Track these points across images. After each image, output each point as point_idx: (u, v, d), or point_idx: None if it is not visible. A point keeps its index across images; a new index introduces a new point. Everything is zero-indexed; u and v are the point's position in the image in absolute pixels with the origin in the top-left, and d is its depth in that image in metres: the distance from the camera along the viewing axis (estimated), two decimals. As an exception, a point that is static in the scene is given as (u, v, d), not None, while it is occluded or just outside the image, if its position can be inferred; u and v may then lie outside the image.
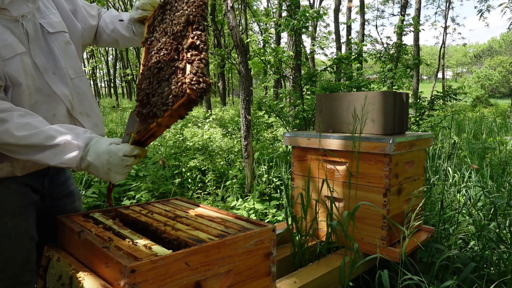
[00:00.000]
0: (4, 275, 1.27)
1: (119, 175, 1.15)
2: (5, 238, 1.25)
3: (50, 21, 1.28)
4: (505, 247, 2.40)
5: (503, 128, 9.81)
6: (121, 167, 1.13)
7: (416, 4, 12.69)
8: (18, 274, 1.30)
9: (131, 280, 0.87)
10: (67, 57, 1.31)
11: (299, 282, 1.75)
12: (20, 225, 1.28)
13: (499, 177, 4.10)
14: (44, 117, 1.19)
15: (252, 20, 20.31)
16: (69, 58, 1.32)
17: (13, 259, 1.28)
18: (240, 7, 14.17)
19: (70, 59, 1.32)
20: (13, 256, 1.28)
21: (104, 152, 1.12)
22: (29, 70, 1.19)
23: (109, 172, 1.13)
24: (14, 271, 1.29)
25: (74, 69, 1.33)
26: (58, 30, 1.30)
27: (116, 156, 1.12)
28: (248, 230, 1.14)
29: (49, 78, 1.24)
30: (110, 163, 1.12)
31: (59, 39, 1.30)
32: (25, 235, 1.30)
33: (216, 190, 4.31)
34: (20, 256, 1.29)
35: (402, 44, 6.71)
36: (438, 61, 20.73)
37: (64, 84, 1.28)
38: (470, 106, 23.05)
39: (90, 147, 1.14)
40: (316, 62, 20.84)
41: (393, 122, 2.25)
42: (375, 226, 2.12)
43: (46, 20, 1.27)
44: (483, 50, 70.33)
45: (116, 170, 1.14)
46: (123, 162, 1.13)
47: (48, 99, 1.24)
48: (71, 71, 1.31)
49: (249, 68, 4.69)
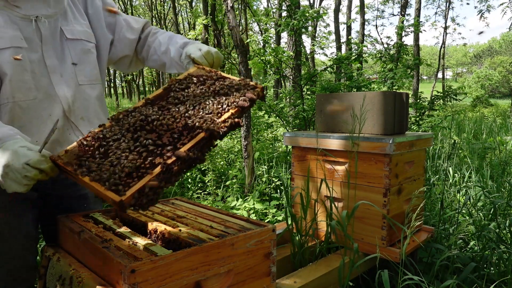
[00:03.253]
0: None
1: (15, 184, 1.01)
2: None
3: (72, 29, 1.35)
4: (505, 247, 2.40)
5: (503, 128, 9.81)
6: (19, 175, 1.00)
7: (416, 4, 12.68)
8: (12, 270, 1.30)
9: (131, 280, 0.87)
10: (81, 64, 1.36)
11: (299, 282, 1.75)
12: (11, 221, 1.28)
13: (499, 177, 4.10)
14: (39, 115, 1.24)
15: (252, 20, 20.30)
16: (84, 65, 1.37)
17: (6, 255, 1.28)
18: (240, 7, 14.15)
19: (84, 66, 1.37)
20: (5, 252, 1.28)
21: (9, 153, 1.00)
22: (28, 66, 1.22)
23: (5, 176, 1.01)
24: (8, 267, 1.29)
25: (87, 76, 1.38)
26: (77, 38, 1.36)
27: (18, 161, 0.99)
28: (248, 230, 1.14)
29: (55, 79, 1.28)
30: (9, 166, 0.99)
31: (77, 46, 1.36)
32: (17, 231, 1.30)
33: (216, 190, 4.31)
34: (14, 252, 1.30)
35: (402, 44, 6.71)
36: (438, 61, 20.71)
37: (68, 87, 1.31)
38: (470, 106, 23.05)
39: (3, 145, 1.03)
40: (316, 62, 20.83)
41: (393, 122, 2.25)
42: (375, 226, 2.12)
43: (68, 27, 1.34)
44: (483, 50, 70.29)
45: (13, 177, 1.00)
46: (23, 171, 0.99)
47: (47, 99, 1.26)
48: (82, 77, 1.36)
49: (249, 68, 4.68)
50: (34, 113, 1.24)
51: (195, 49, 1.40)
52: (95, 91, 1.41)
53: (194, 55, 1.38)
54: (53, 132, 1.07)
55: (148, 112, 1.13)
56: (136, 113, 1.14)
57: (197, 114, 1.11)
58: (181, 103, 1.18)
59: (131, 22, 1.55)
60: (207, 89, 1.24)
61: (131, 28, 1.54)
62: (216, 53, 1.42)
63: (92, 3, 1.48)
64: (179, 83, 1.28)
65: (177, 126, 1.07)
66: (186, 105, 1.16)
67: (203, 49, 1.39)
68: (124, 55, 1.56)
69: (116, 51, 1.53)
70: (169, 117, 1.10)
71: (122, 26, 1.52)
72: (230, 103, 1.15)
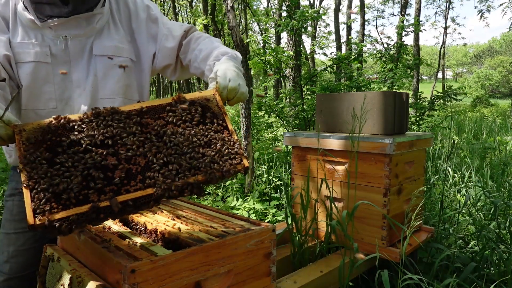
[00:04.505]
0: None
1: None
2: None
3: (101, 45, 1.39)
4: (505, 247, 2.40)
5: (503, 128, 9.81)
6: None
7: (416, 4, 12.69)
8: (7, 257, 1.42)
9: (131, 280, 0.87)
10: (105, 79, 1.40)
11: (299, 282, 1.75)
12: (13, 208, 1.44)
13: (499, 177, 4.10)
14: None
15: (252, 20, 20.31)
16: (107, 80, 1.40)
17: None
18: (240, 7, 14.17)
19: (107, 81, 1.40)
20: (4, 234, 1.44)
21: None
22: (51, 79, 1.32)
23: None
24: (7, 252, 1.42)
25: (109, 90, 1.41)
26: (105, 54, 1.40)
27: None
28: (248, 230, 1.14)
29: (77, 93, 1.36)
30: None
31: (103, 62, 1.39)
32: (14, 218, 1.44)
33: (216, 190, 4.31)
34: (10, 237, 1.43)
35: (402, 44, 6.71)
36: (438, 61, 20.74)
37: (87, 101, 1.36)
38: (470, 106, 23.04)
39: None
40: (316, 62, 20.84)
41: (393, 122, 2.25)
42: (375, 226, 2.13)
43: (98, 44, 1.39)
44: (483, 50, 70.29)
45: None
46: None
47: (66, 109, 1.35)
48: (103, 91, 1.40)
49: (249, 68, 4.68)
50: None
51: (224, 77, 1.22)
52: (113, 105, 1.40)
53: (219, 82, 1.22)
54: (14, 98, 1.07)
55: (126, 130, 1.04)
56: (115, 122, 1.04)
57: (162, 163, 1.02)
58: (160, 138, 1.06)
59: (173, 30, 1.51)
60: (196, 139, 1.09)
61: (172, 36, 1.50)
62: (241, 94, 1.24)
63: (136, 17, 1.49)
64: (182, 109, 1.13)
65: (136, 164, 1.00)
66: (162, 145, 1.04)
67: (232, 84, 1.21)
68: (166, 64, 1.53)
69: (158, 61, 1.52)
70: (136, 147, 1.02)
71: (163, 35, 1.50)
72: (203, 168, 1.04)
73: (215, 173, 1.05)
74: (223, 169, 1.07)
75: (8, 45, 1.29)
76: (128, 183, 0.97)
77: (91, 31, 1.38)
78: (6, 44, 1.29)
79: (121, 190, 0.95)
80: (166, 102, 1.13)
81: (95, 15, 1.37)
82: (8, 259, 1.41)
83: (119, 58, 1.42)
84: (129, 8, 1.49)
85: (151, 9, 1.52)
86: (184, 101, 1.15)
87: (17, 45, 1.30)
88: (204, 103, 1.16)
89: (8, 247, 1.42)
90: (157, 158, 1.02)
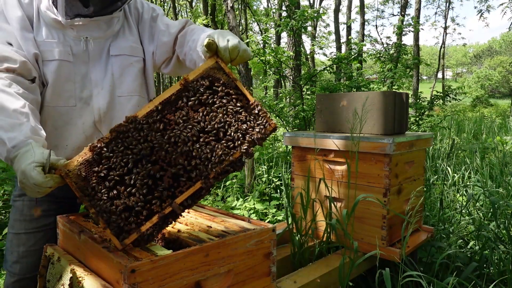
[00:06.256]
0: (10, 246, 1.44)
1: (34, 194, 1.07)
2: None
3: (117, 45, 1.45)
4: (504, 247, 2.40)
5: (503, 128, 9.81)
6: (34, 191, 1.06)
7: (416, 4, 12.70)
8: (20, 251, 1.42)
9: (131, 280, 0.87)
10: (122, 77, 1.45)
11: (299, 282, 1.75)
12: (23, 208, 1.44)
13: (499, 177, 4.10)
14: (75, 121, 1.38)
15: (252, 20, 20.30)
16: (124, 78, 1.45)
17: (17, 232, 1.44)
18: (240, 7, 14.16)
19: (124, 79, 1.45)
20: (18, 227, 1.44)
21: (20, 171, 1.05)
22: (72, 77, 1.36)
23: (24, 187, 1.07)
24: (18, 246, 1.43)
25: (126, 88, 1.45)
26: (121, 54, 1.45)
27: (28, 181, 1.04)
28: (248, 230, 1.14)
29: (95, 92, 1.39)
30: (23, 183, 1.05)
31: (120, 61, 1.44)
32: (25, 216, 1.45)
33: (216, 190, 4.31)
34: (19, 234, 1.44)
35: (401, 44, 6.71)
36: (438, 61, 20.75)
37: (105, 99, 1.40)
38: (470, 106, 23.05)
39: (18, 155, 1.09)
40: (316, 62, 20.83)
41: (393, 122, 2.25)
42: (375, 226, 2.13)
43: (115, 44, 1.44)
44: (483, 50, 70.30)
45: (30, 191, 1.06)
46: (35, 188, 1.04)
47: (85, 108, 1.39)
48: (121, 89, 1.44)
49: (249, 68, 4.68)
50: (70, 119, 1.37)
51: (222, 38, 1.18)
52: (130, 103, 1.46)
53: (219, 44, 1.16)
54: (50, 156, 1.08)
55: (152, 137, 1.07)
56: (137, 134, 1.07)
57: (200, 154, 1.08)
58: (186, 122, 1.10)
59: (170, 27, 1.53)
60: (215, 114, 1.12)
61: (169, 32, 1.52)
62: (244, 51, 1.19)
63: (142, 19, 1.55)
64: (193, 87, 1.14)
65: (177, 162, 1.06)
66: (192, 131, 1.09)
67: (232, 42, 1.17)
68: (165, 59, 1.56)
69: (157, 58, 1.55)
70: (170, 145, 1.07)
71: (160, 31, 1.52)
72: (237, 145, 1.10)
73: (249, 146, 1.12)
74: (254, 137, 1.13)
75: (35, 43, 1.32)
76: (178, 184, 1.05)
77: (110, 33, 1.43)
78: (34, 43, 1.32)
79: (175, 193, 1.05)
80: (176, 89, 1.14)
81: (113, 18, 1.43)
82: (19, 259, 1.41)
83: (133, 57, 1.48)
84: (138, 11, 1.55)
85: (154, 11, 1.57)
86: (192, 81, 1.16)
87: (41, 43, 1.33)
88: (212, 75, 1.17)
89: (18, 247, 1.41)
90: (191, 156, 1.08)
